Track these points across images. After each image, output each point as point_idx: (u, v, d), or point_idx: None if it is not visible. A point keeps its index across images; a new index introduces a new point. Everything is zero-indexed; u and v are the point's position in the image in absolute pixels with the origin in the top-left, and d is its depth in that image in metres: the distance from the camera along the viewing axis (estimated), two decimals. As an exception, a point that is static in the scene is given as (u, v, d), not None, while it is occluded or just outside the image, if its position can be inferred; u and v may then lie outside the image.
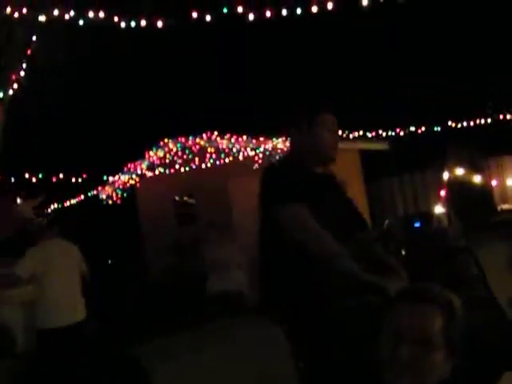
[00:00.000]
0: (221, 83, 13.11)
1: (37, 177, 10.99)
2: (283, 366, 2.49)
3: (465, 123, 11.70)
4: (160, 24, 5.45)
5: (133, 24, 5.46)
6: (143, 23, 5.43)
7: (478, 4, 12.03)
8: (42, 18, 5.23)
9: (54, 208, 12.87)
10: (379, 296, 2.42)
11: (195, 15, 5.41)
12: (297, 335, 2.81)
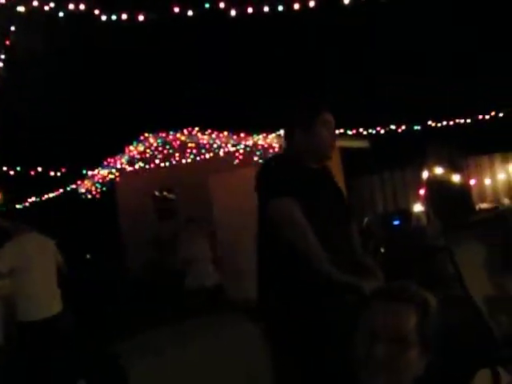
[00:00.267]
0: (202, 78, 13.07)
1: (14, 170, 10.85)
2: (262, 363, 2.50)
3: (444, 122, 11.79)
4: (141, 18, 5.42)
5: (114, 17, 5.41)
6: (124, 17, 5.39)
7: (455, 3, 12.12)
8: (21, 9, 5.16)
9: (32, 202, 12.75)
10: (355, 295, 2.43)
11: (177, 10, 5.38)
12: (275, 333, 2.82)
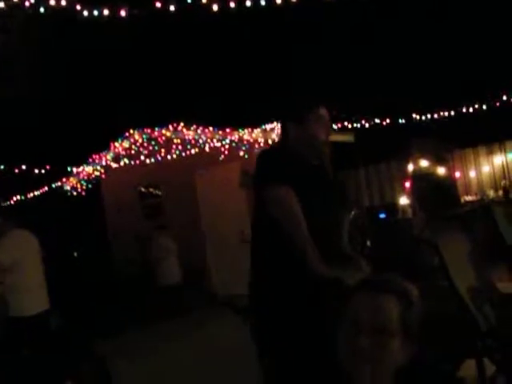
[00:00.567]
0: (186, 74, 13.02)
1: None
2: (249, 360, 2.50)
3: (429, 115, 11.85)
4: (123, 13, 5.38)
5: (95, 13, 5.37)
6: (106, 12, 5.36)
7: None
8: (1, 5, 5.11)
9: (17, 200, 12.67)
10: (339, 289, 2.44)
11: (159, 5, 5.36)
12: (263, 329, 2.83)
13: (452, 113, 11.73)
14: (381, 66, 12.88)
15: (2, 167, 10.82)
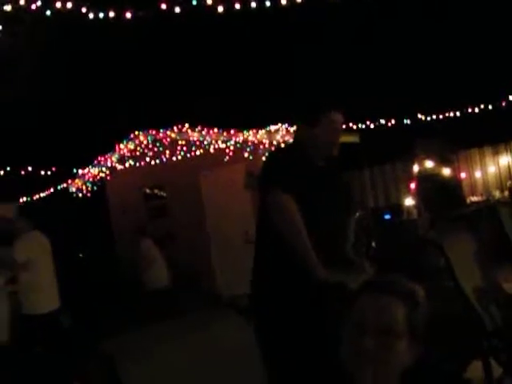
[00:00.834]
0: (191, 75, 13.03)
1: (4, 170, 10.81)
2: (252, 361, 2.51)
3: (434, 116, 11.84)
4: (129, 15, 5.40)
5: (101, 15, 5.39)
6: (112, 14, 5.37)
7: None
8: (8, 8, 5.13)
9: (23, 201, 12.69)
10: (342, 293, 2.44)
11: (164, 7, 5.37)
12: (265, 330, 2.84)
13: (457, 113, 11.71)
14: (386, 67, 12.86)
15: (9, 169, 10.86)
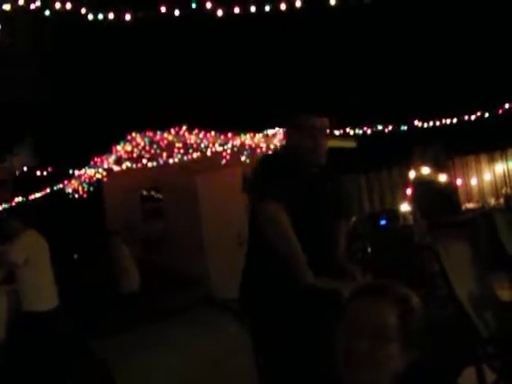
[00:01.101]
0: (189, 78, 13.05)
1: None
2: (245, 361, 2.51)
3: (431, 123, 11.86)
4: (128, 17, 5.40)
5: (100, 17, 5.39)
6: (111, 16, 5.37)
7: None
8: (7, 7, 5.13)
9: (18, 202, 12.67)
10: (334, 298, 2.44)
11: (164, 10, 5.38)
12: (257, 331, 2.84)
13: (454, 120, 11.74)
14: (383, 73, 12.90)
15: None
